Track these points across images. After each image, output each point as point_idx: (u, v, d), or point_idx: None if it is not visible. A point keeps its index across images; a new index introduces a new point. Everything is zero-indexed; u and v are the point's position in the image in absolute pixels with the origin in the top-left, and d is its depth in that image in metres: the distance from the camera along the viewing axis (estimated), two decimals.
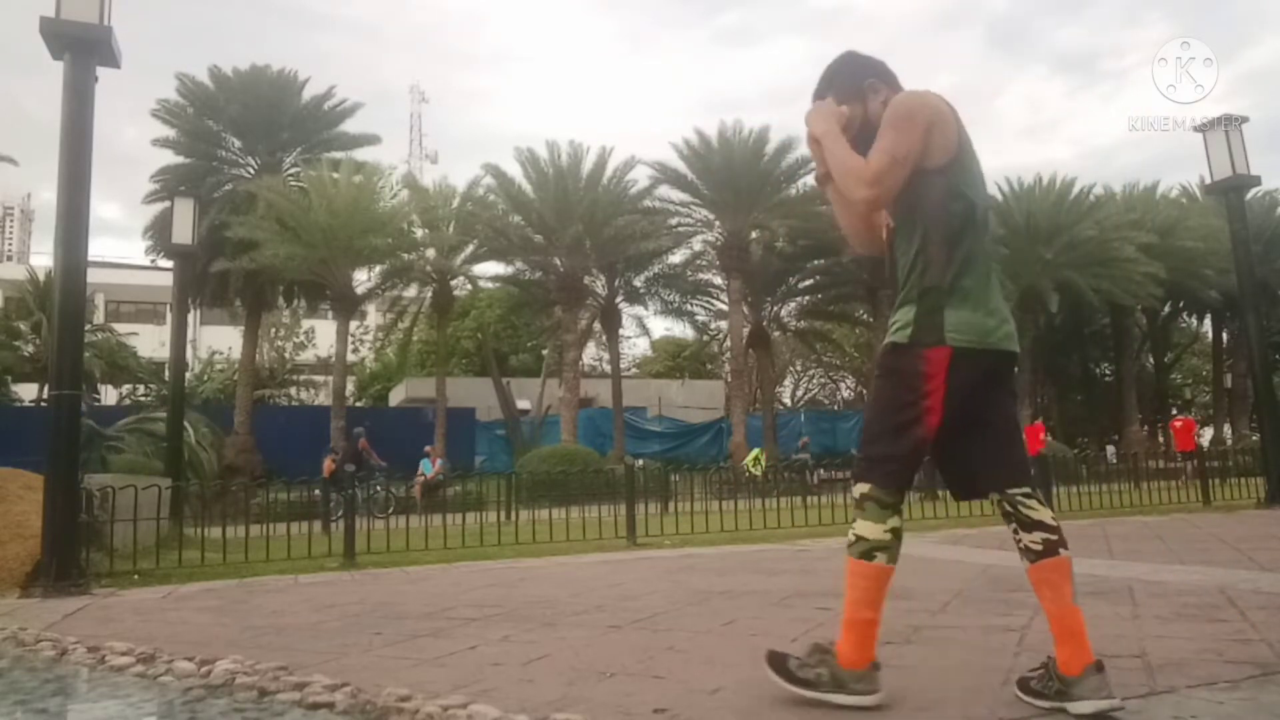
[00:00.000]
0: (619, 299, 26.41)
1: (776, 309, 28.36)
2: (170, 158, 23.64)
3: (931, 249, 2.16)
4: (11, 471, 6.81)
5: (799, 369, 42.65)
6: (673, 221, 25.28)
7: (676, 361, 40.10)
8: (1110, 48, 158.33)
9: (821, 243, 23.63)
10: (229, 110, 22.93)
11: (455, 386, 26.23)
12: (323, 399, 33.19)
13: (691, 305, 27.97)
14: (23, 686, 2.77)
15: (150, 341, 33.33)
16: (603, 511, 8.59)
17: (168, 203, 18.13)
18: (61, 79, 5.79)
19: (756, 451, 21.23)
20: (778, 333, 30.65)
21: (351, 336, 26.35)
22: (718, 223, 24.85)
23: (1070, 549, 2.13)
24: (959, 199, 2.17)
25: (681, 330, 33.50)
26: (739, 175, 23.46)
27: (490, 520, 8.47)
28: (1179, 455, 15.95)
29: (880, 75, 2.33)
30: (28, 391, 29.17)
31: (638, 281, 26.58)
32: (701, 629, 3.40)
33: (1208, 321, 33.24)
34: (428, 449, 19.45)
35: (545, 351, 32.96)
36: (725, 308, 26.01)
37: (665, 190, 25.13)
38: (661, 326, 59.05)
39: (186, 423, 11.84)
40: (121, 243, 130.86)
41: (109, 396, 32.63)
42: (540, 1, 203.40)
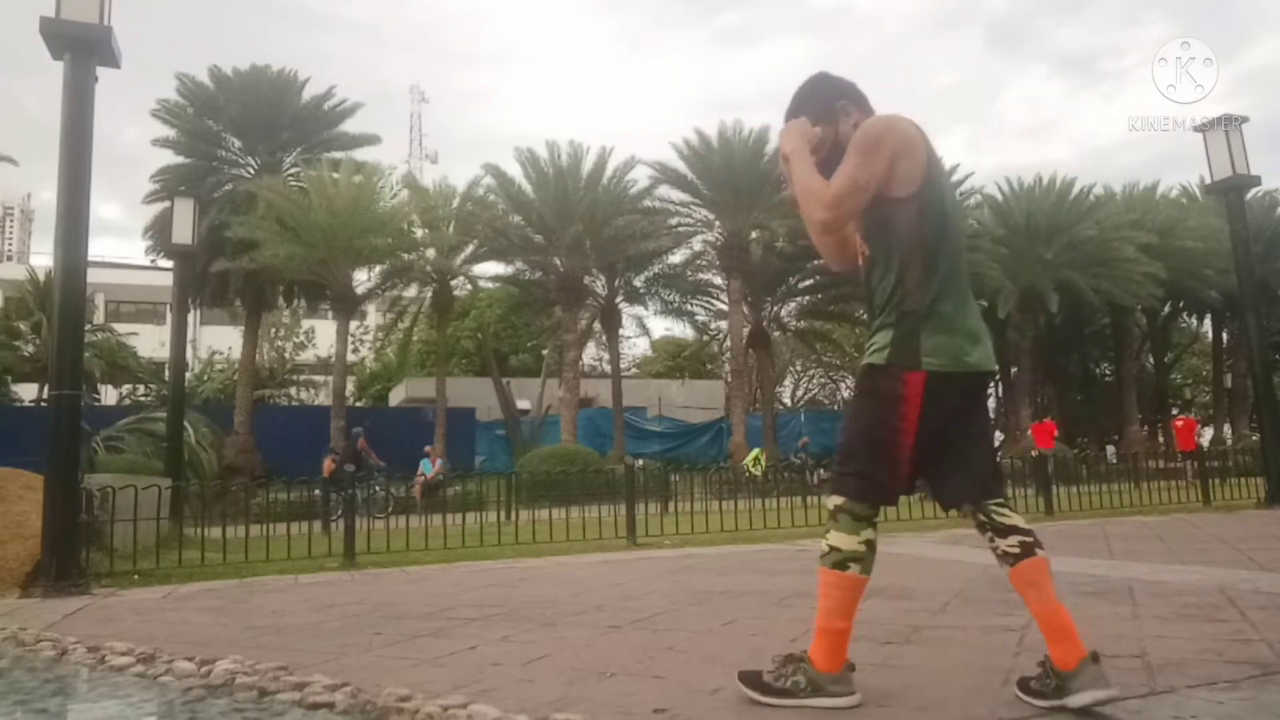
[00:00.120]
0: (619, 299, 26.40)
1: (776, 309, 28.35)
2: (170, 158, 23.66)
3: (909, 276, 2.20)
4: (11, 471, 6.81)
5: (799, 369, 42.65)
6: (673, 221, 25.28)
7: (676, 361, 40.09)
8: (1110, 48, 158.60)
9: None
10: (229, 110, 22.92)
11: (455, 386, 26.23)
12: (323, 399, 33.19)
13: (691, 305, 27.98)
14: (23, 686, 2.77)
15: (150, 341, 33.33)
16: (603, 511, 8.59)
17: (168, 203, 18.13)
18: (61, 79, 5.79)
19: (756, 451, 21.24)
20: (778, 333, 30.64)
21: (351, 336, 26.35)
22: (718, 223, 24.85)
23: (1058, 549, 2.14)
24: (933, 221, 2.21)
25: (681, 330, 33.53)
26: (739, 175, 23.45)
27: (490, 520, 8.47)
28: (1179, 455, 15.94)
29: (852, 98, 2.38)
30: (28, 391, 29.16)
31: (638, 281, 26.58)
32: (701, 629, 3.40)
33: (1208, 321, 33.23)
34: (428, 449, 19.45)
35: (545, 351, 32.96)
36: (725, 308, 26.01)
37: (665, 190, 25.17)
38: (661, 326, 59.11)
39: (186, 423, 11.83)
40: (121, 243, 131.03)
41: (109, 396, 32.62)
42: (540, 1, 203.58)
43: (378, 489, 13.75)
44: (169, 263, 16.76)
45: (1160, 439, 30.04)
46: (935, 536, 7.32)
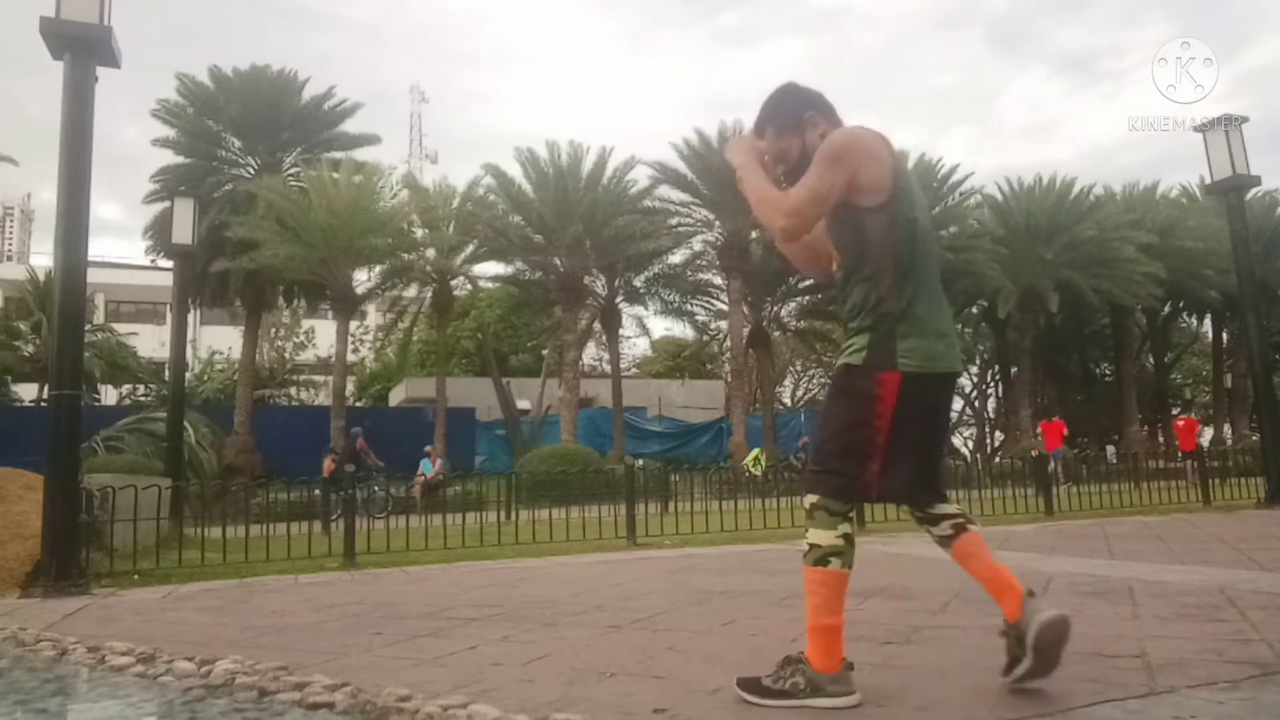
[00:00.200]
0: (619, 299, 26.41)
1: (776, 309, 28.36)
2: (170, 158, 23.69)
3: (884, 281, 2.27)
4: (11, 471, 6.81)
5: (799, 369, 42.63)
6: (673, 221, 25.29)
7: (676, 361, 40.07)
8: (1110, 48, 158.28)
9: None
10: (229, 110, 22.94)
11: (455, 386, 26.23)
12: (323, 399, 33.19)
13: (691, 305, 27.98)
14: (23, 686, 2.77)
15: (150, 341, 33.34)
16: (603, 511, 8.59)
17: (168, 203, 18.14)
18: (61, 79, 5.79)
19: (756, 451, 21.24)
20: (778, 333, 30.64)
21: (351, 336, 26.36)
22: (718, 223, 24.85)
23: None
24: (904, 227, 2.28)
25: (681, 330, 33.52)
26: None
27: (490, 520, 8.47)
28: (1180, 455, 15.94)
29: (819, 108, 2.43)
30: (28, 391, 29.17)
31: (638, 281, 26.58)
32: (701, 629, 3.40)
33: (1208, 321, 33.24)
34: (428, 449, 19.45)
35: (545, 351, 32.95)
36: (725, 308, 26.01)
37: (665, 190, 25.17)
38: (661, 326, 59.00)
39: (186, 423, 11.85)
40: (121, 243, 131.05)
41: (109, 396, 32.63)
42: (540, 1, 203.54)
43: (377, 489, 13.76)
44: (169, 263, 16.78)
45: (1160, 439, 30.04)
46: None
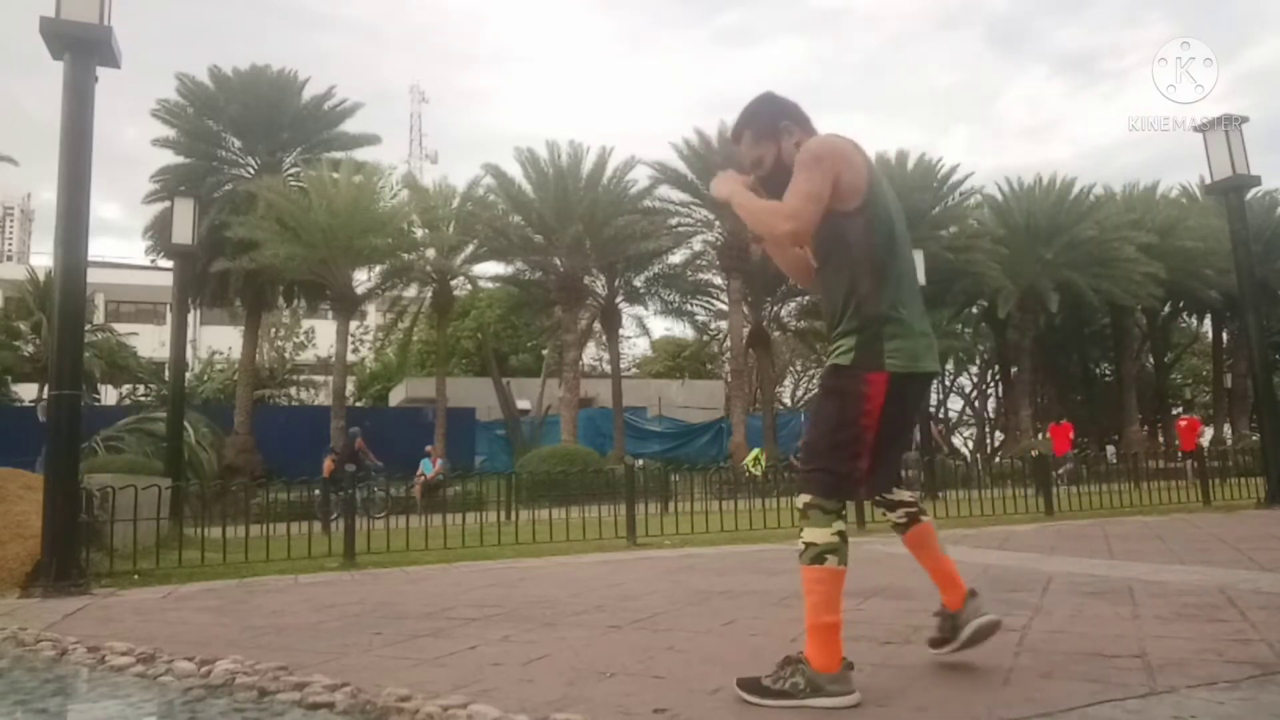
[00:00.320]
0: (619, 299, 26.40)
1: (776, 309, 28.34)
2: (170, 158, 23.67)
3: (864, 284, 2.34)
4: (11, 471, 6.81)
5: (799, 369, 42.62)
6: (673, 221, 25.27)
7: (676, 361, 40.07)
8: (1110, 48, 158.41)
9: None
10: (229, 110, 22.93)
11: (455, 386, 26.23)
12: (323, 399, 33.18)
13: (691, 305, 27.97)
14: (23, 686, 2.77)
15: (150, 341, 33.33)
16: (603, 511, 8.59)
17: (168, 203, 18.14)
18: (61, 79, 5.79)
19: (756, 451, 21.22)
20: (778, 333, 30.63)
21: (351, 336, 26.35)
22: (718, 223, 24.83)
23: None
24: (881, 230, 2.36)
25: (681, 330, 33.51)
26: None
27: (490, 520, 8.46)
28: (1180, 454, 15.94)
29: (795, 118, 2.53)
30: (28, 391, 29.15)
31: (638, 281, 26.58)
32: (701, 629, 3.40)
33: (1208, 321, 33.23)
34: (428, 449, 19.44)
35: (545, 351, 32.95)
36: (725, 308, 26.00)
37: (665, 190, 25.15)
38: (661, 326, 59.05)
39: (186, 423, 11.84)
40: (121, 243, 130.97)
41: (109, 396, 32.62)
42: (540, 1, 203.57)
43: (375, 489, 13.75)
44: (169, 263, 16.79)
45: (1160, 439, 30.03)
46: None
